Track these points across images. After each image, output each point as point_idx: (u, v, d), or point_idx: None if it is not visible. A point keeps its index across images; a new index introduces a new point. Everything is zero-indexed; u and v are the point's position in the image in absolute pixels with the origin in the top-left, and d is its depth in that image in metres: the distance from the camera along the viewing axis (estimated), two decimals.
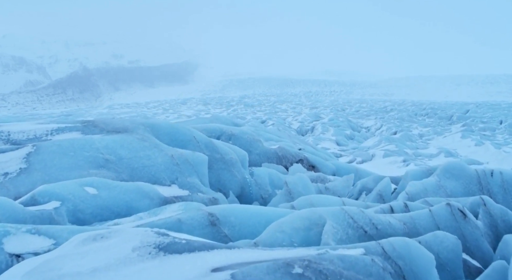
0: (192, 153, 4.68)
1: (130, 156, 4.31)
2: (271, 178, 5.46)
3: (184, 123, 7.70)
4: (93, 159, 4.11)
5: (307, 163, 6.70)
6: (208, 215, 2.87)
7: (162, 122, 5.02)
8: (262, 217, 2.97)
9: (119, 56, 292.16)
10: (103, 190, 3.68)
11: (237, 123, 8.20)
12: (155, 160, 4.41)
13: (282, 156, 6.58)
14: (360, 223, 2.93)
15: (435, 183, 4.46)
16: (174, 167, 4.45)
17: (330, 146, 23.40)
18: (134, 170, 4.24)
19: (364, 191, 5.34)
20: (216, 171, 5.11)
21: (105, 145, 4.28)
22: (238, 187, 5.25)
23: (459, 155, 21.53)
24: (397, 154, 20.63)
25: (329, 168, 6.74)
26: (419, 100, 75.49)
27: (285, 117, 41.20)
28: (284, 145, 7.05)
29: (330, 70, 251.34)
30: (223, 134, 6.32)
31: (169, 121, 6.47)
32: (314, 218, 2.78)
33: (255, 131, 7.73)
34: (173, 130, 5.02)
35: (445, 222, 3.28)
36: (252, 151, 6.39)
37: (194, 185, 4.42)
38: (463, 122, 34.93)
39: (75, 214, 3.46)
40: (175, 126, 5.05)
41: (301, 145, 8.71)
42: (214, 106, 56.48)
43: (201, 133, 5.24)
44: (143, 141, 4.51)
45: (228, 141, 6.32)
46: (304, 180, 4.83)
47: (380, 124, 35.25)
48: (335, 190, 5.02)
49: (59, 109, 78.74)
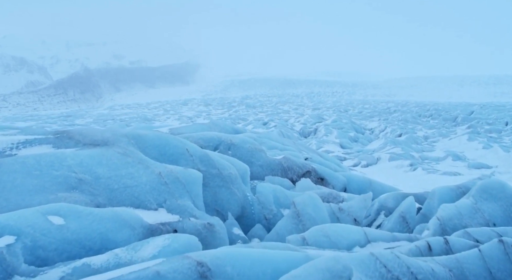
0: (183, 169, 3.99)
1: (109, 174, 3.61)
2: (276, 195, 4.77)
3: (179, 129, 7.01)
4: (63, 179, 3.41)
5: (315, 175, 6.00)
6: (197, 265, 2.17)
7: (149, 133, 4.32)
8: (267, 265, 2.26)
9: (120, 57, 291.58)
10: (72, 219, 2.98)
11: (238, 129, 7.51)
12: (139, 178, 3.71)
13: (288, 167, 5.89)
14: (395, 272, 2.25)
15: (471, 206, 3.77)
16: (162, 187, 3.76)
17: (334, 149, 22.77)
18: (113, 191, 3.54)
19: (382, 211, 4.66)
20: (213, 188, 4.42)
21: (80, 161, 3.59)
22: (238, 206, 4.55)
23: (466, 158, 20.90)
24: (403, 157, 20.02)
25: (339, 180, 6.04)
26: (422, 101, 74.78)
27: (288, 118, 40.53)
28: (289, 154, 6.35)
29: (331, 70, 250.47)
30: (221, 143, 5.63)
31: (158, 131, 5.78)
32: (336, 269, 2.10)
33: (257, 139, 7.04)
34: (162, 142, 4.32)
35: (498, 264, 2.59)
36: (254, 162, 5.69)
37: (185, 208, 3.73)
38: (468, 124, 34.41)
39: (34, 252, 2.77)
40: (164, 137, 4.35)
41: (308, 153, 8.01)
42: (215, 107, 55.84)
43: (195, 145, 4.54)
44: (125, 156, 3.81)
45: (227, 151, 5.63)
46: (314, 200, 4.14)
47: (384, 126, 34.62)
48: (350, 211, 4.33)
49: (60, 110, 78.14)
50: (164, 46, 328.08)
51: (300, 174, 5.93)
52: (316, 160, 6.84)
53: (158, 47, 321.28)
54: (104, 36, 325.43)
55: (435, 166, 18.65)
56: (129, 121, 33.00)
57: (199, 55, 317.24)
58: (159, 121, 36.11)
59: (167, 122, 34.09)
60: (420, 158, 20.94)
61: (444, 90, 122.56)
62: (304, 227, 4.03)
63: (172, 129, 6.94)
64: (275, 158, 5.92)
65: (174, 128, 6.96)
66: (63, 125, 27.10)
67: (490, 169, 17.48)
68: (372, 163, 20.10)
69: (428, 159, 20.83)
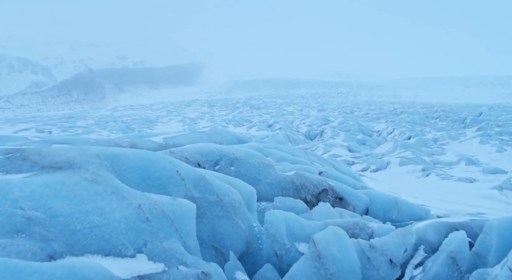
0: (171, 200, 3.05)
1: (70, 210, 2.68)
2: (289, 225, 3.84)
3: (175, 138, 6.10)
4: (5, 218, 2.50)
5: (333, 194, 5.07)
6: None
7: (128, 151, 3.34)
8: None
9: (124, 58, 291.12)
10: None
11: (242, 138, 6.58)
12: (111, 215, 2.78)
13: (301, 185, 4.96)
14: None
15: None
16: (143, 225, 2.83)
17: (341, 153, 21.88)
18: (75, 234, 2.61)
19: (421, 245, 3.73)
20: (210, 220, 3.48)
21: (30, 192, 2.67)
22: (243, 241, 3.61)
23: (480, 162, 20.03)
24: (415, 161, 19.16)
25: (361, 200, 5.11)
26: (429, 102, 73.94)
27: (293, 120, 39.63)
28: (302, 169, 5.43)
29: (335, 71, 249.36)
30: (222, 158, 4.71)
31: (150, 140, 4.87)
32: None
33: (264, 149, 6.12)
34: (146, 163, 3.35)
35: None
36: (262, 179, 4.77)
37: (173, 253, 2.80)
38: (477, 126, 33.62)
39: None
40: (148, 157, 3.38)
41: (321, 164, 7.08)
42: (219, 108, 55.03)
43: (188, 166, 3.59)
44: (94, 184, 2.89)
45: (230, 167, 4.71)
46: (339, 237, 3.22)
47: (392, 128, 33.76)
48: (384, 249, 3.41)
49: (63, 111, 77.53)
50: (168, 47, 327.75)
51: (315, 193, 5.00)
52: (331, 174, 5.91)
53: (162, 48, 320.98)
54: (108, 37, 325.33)
55: (448, 171, 17.81)
56: (130, 123, 32.23)
57: (203, 56, 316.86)
58: (162, 123, 35.36)
59: (169, 124, 33.28)
60: (432, 162, 20.09)
61: (449, 91, 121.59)
62: (327, 272, 3.12)
63: (167, 138, 6.03)
64: (286, 174, 5.00)
65: (169, 138, 6.05)
66: (64, 127, 26.33)
67: (506, 174, 16.67)
68: (382, 168, 19.29)
69: (440, 163, 19.99)
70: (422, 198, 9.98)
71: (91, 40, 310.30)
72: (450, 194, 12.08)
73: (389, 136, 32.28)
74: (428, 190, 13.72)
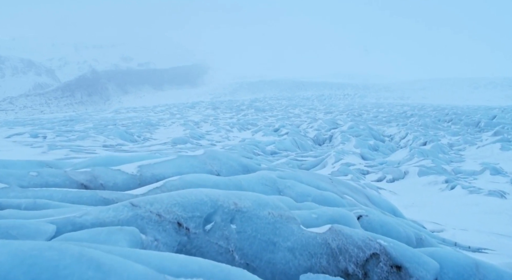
0: None
1: None
2: None
3: (154, 167, 4.36)
4: None
5: (387, 260, 3.26)
6: None
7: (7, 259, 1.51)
8: None
9: (128, 59, 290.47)
10: None
11: (249, 166, 4.77)
12: None
13: (339, 249, 3.15)
14: None
15: None
16: None
17: (354, 161, 20.16)
18: None
19: None
20: None
21: None
22: None
23: (505, 172, 18.30)
24: (435, 171, 17.45)
25: (428, 267, 3.32)
26: (439, 105, 72.12)
27: (300, 124, 37.95)
28: (336, 217, 3.66)
29: (341, 72, 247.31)
30: (217, 211, 2.94)
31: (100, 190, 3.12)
32: None
33: (279, 181, 4.37)
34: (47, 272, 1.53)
35: None
36: (279, 243, 3.00)
37: None
38: (493, 130, 32.04)
39: None
40: (53, 258, 1.55)
41: (352, 196, 5.29)
42: (223, 111, 53.45)
43: (136, 267, 1.80)
44: None
45: (229, 225, 2.93)
46: None
47: (405, 133, 32.03)
48: None
49: (66, 113, 75.99)
50: (172, 48, 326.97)
51: (362, 260, 3.19)
52: (374, 219, 4.12)
53: (166, 49, 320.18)
54: (113, 38, 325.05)
55: (473, 182, 16.13)
56: (130, 127, 30.66)
57: (208, 57, 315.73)
58: (163, 126, 33.80)
59: (171, 128, 31.63)
60: (453, 171, 18.36)
61: (458, 92, 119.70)
62: None
63: (143, 167, 4.27)
64: (315, 231, 3.22)
65: (146, 166, 4.29)
66: (60, 131, 24.73)
67: None
68: (399, 178, 17.65)
69: (462, 173, 18.32)
70: (471, 231, 8.19)
71: (95, 42, 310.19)
72: (488, 216, 10.29)
73: (402, 141, 30.60)
74: (456, 206, 11.95)
